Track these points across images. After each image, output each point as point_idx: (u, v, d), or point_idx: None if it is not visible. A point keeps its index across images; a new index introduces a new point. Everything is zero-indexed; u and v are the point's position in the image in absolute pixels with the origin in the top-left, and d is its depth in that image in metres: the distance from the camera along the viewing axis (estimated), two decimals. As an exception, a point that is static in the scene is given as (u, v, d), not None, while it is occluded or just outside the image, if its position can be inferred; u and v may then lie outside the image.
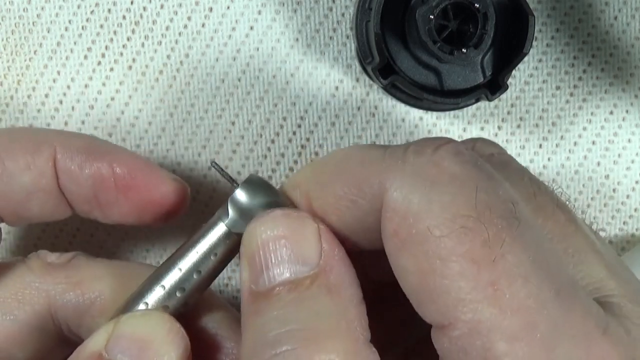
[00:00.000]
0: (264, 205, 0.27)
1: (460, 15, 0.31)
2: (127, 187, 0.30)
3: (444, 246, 0.22)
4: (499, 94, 0.31)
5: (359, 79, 0.37)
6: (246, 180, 0.27)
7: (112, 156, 0.30)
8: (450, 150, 0.24)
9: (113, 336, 0.26)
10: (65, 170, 0.30)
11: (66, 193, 0.30)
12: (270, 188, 0.27)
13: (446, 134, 0.37)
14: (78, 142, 0.30)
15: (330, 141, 0.37)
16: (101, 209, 0.31)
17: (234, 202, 0.27)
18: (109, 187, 0.30)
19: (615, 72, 0.37)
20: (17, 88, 0.37)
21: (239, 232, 0.27)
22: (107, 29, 0.36)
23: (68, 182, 0.30)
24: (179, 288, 0.27)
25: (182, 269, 0.27)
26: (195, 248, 0.27)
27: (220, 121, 0.37)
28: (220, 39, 0.36)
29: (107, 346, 0.26)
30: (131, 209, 0.30)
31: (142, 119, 0.37)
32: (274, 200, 0.27)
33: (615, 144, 0.37)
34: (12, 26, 0.36)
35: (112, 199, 0.30)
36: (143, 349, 0.26)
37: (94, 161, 0.30)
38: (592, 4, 0.36)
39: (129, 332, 0.26)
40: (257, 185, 0.27)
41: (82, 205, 0.31)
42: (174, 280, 0.27)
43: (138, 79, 0.37)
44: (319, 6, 0.36)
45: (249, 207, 0.27)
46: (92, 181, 0.30)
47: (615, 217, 0.37)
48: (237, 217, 0.27)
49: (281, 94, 0.37)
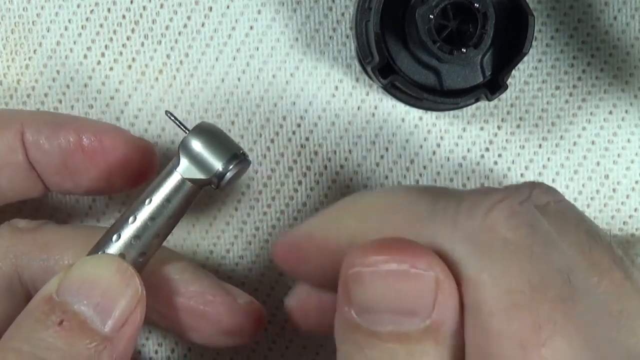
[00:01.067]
0: (213, 150, 0.27)
1: (460, 15, 0.31)
2: (94, 151, 0.31)
3: (493, 324, 0.21)
4: (499, 94, 0.31)
5: (358, 79, 0.37)
6: (196, 126, 0.28)
7: (78, 124, 0.31)
8: (504, 212, 0.23)
9: (63, 280, 0.26)
10: (33, 143, 0.30)
11: (36, 166, 0.31)
12: (221, 133, 0.28)
13: (446, 134, 0.37)
14: (44, 116, 0.32)
15: (330, 141, 0.37)
16: (71, 178, 0.31)
17: (184, 148, 0.27)
18: (77, 153, 0.31)
19: (615, 72, 0.37)
20: (17, 87, 0.37)
21: (190, 178, 0.27)
22: (107, 29, 0.36)
23: (37, 155, 0.31)
24: (135, 237, 0.28)
25: (138, 218, 0.28)
26: (150, 197, 0.28)
27: (220, 120, 0.37)
28: (220, 39, 0.36)
29: (58, 289, 0.26)
30: (100, 174, 0.31)
31: (142, 119, 0.37)
32: (224, 145, 0.27)
33: (614, 143, 0.37)
34: (11, 25, 0.36)
35: (81, 166, 0.31)
36: (91, 289, 0.26)
37: (60, 131, 0.31)
38: (591, 4, 0.36)
39: (77, 274, 0.27)
40: (207, 131, 0.28)
41: (53, 177, 0.31)
42: (129, 230, 0.28)
43: (138, 78, 0.37)
44: (318, 6, 0.36)
45: (198, 152, 0.27)
46: (60, 150, 0.31)
47: (615, 217, 0.37)
48: (188, 163, 0.27)
49: (281, 94, 0.37)
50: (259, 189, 0.37)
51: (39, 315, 0.26)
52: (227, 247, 0.38)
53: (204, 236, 0.37)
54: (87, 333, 0.26)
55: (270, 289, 0.38)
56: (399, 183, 0.37)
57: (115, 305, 0.26)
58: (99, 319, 0.26)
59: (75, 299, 0.26)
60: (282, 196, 0.37)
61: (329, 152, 0.37)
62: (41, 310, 0.26)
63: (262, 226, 0.37)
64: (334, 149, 0.37)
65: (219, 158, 0.28)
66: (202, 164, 0.28)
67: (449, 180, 0.37)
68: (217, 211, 0.37)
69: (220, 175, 0.28)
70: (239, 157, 0.28)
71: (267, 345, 0.38)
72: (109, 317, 0.26)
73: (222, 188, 0.28)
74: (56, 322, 0.26)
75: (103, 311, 0.26)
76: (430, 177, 0.37)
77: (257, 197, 0.37)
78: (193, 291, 0.30)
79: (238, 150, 0.28)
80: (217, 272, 0.38)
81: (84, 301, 0.26)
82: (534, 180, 0.32)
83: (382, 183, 0.37)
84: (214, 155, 0.28)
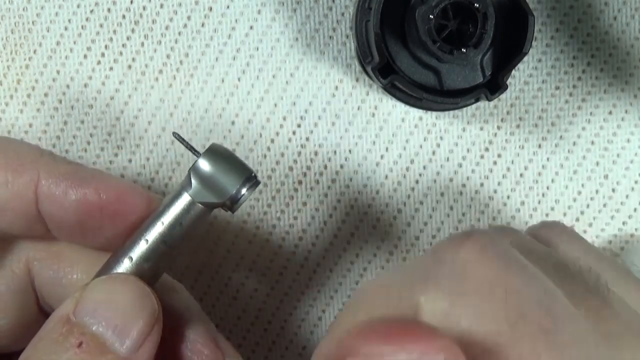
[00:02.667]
0: (226, 174, 0.27)
1: (460, 15, 0.31)
2: (114, 213, 0.29)
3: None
4: (499, 94, 0.31)
5: (358, 79, 0.37)
6: (208, 149, 0.27)
7: (98, 182, 0.29)
8: (472, 249, 0.22)
9: (81, 300, 0.26)
10: (48, 195, 0.29)
11: (47, 218, 0.29)
12: (233, 157, 0.27)
13: (446, 134, 0.37)
14: (63, 167, 0.30)
15: (330, 141, 0.37)
16: (84, 235, 0.30)
17: (196, 172, 0.27)
18: (95, 213, 0.29)
19: (615, 72, 0.37)
20: (17, 87, 0.37)
21: (203, 202, 0.27)
22: (107, 29, 0.36)
23: (51, 207, 0.29)
24: (146, 259, 0.27)
25: (149, 240, 0.27)
26: (161, 219, 0.27)
27: (220, 121, 0.37)
28: (220, 39, 0.36)
29: (75, 310, 0.26)
30: (118, 234, 0.30)
31: (142, 119, 0.37)
32: (237, 169, 0.27)
33: (614, 143, 0.37)
34: (11, 25, 0.36)
35: (98, 225, 0.29)
36: (109, 310, 0.26)
37: (79, 187, 0.29)
38: (591, 4, 0.36)
39: (95, 295, 0.26)
40: (219, 154, 0.27)
41: (63, 231, 0.30)
42: (141, 251, 0.27)
43: (138, 78, 0.37)
44: (318, 6, 0.36)
45: (211, 176, 0.27)
46: (77, 207, 0.29)
47: (614, 217, 0.37)
48: (200, 187, 0.27)
49: (281, 94, 0.37)
50: (259, 189, 0.37)
51: (57, 337, 0.26)
52: (228, 247, 0.37)
53: (204, 237, 0.37)
54: (106, 355, 0.25)
55: (270, 289, 0.38)
56: (399, 183, 0.37)
57: (133, 326, 0.26)
58: (117, 340, 0.26)
59: (94, 320, 0.26)
60: (282, 196, 0.37)
61: (329, 152, 0.37)
62: (59, 332, 0.26)
63: (262, 226, 0.37)
64: (334, 149, 0.37)
65: (232, 182, 0.27)
66: (214, 188, 0.27)
67: (448, 180, 0.37)
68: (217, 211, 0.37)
69: (234, 199, 0.27)
70: (251, 180, 0.27)
71: (267, 346, 0.38)
72: (127, 337, 0.26)
73: (234, 210, 0.28)
74: (75, 344, 0.25)
75: (121, 332, 0.26)
76: (430, 177, 0.37)
77: (257, 197, 0.37)
78: (188, 336, 0.29)
79: (250, 174, 0.27)
80: (217, 274, 0.38)
81: (102, 322, 0.26)
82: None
83: (382, 183, 0.37)
84: (227, 179, 0.27)
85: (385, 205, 0.37)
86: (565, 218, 0.37)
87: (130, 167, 0.37)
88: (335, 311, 0.38)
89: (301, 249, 0.38)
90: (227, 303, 0.38)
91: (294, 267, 0.38)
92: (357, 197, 0.37)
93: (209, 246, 0.37)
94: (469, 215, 0.37)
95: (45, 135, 0.37)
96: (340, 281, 0.38)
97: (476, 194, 0.37)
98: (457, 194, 0.37)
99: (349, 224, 0.37)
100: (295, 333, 0.38)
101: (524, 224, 0.38)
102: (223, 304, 0.38)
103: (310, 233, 0.37)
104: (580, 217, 0.37)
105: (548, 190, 0.37)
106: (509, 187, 0.37)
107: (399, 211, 0.37)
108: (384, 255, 0.38)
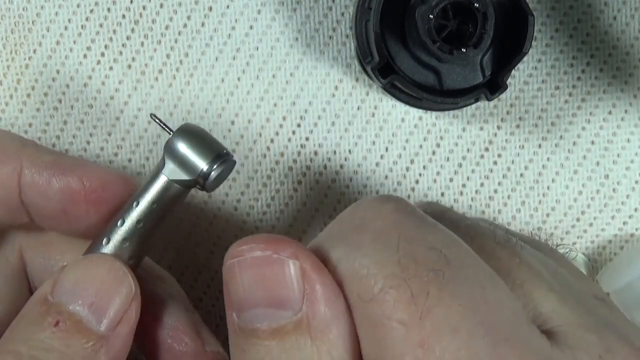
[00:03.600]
0: (197, 151, 0.27)
1: (460, 15, 0.31)
2: (98, 199, 0.29)
3: (374, 311, 0.22)
4: (499, 94, 0.31)
5: (358, 79, 0.37)
6: (180, 128, 0.28)
7: (82, 170, 0.29)
8: (372, 205, 0.24)
9: (58, 280, 0.26)
10: (32, 185, 0.29)
11: (30, 207, 0.29)
12: (204, 133, 0.28)
13: (445, 134, 0.37)
14: (46, 157, 0.30)
15: (330, 141, 0.37)
16: (68, 222, 0.30)
17: (168, 150, 0.27)
18: (79, 201, 0.29)
19: (614, 72, 0.37)
20: (17, 87, 0.37)
21: (175, 179, 0.27)
22: (107, 28, 0.36)
23: (34, 197, 0.29)
24: (124, 239, 0.28)
25: (125, 221, 0.28)
26: (137, 199, 0.28)
27: (220, 120, 0.37)
28: (220, 39, 0.36)
29: (53, 290, 0.26)
30: (100, 220, 0.30)
31: (142, 119, 0.37)
32: (208, 146, 0.27)
33: (614, 143, 0.37)
34: (11, 25, 0.36)
35: (82, 212, 0.29)
36: (85, 289, 0.26)
37: (62, 176, 0.29)
38: (591, 4, 0.36)
39: (71, 275, 0.27)
40: (191, 132, 0.28)
41: (47, 219, 0.30)
42: (118, 232, 0.28)
43: (137, 78, 0.37)
44: (318, 5, 0.36)
45: (182, 153, 0.27)
46: (61, 195, 0.29)
47: (615, 217, 0.37)
48: (173, 165, 0.27)
49: (281, 94, 0.37)
50: (259, 189, 0.37)
51: (35, 317, 0.26)
52: (227, 246, 0.37)
53: (204, 236, 0.37)
54: (83, 333, 0.26)
55: (270, 289, 0.38)
56: (399, 183, 0.37)
57: (109, 304, 0.26)
58: (94, 318, 0.26)
59: (70, 299, 0.26)
60: (282, 196, 0.37)
61: (329, 152, 0.37)
62: (37, 312, 0.26)
63: (262, 225, 0.37)
64: (334, 149, 0.37)
65: (202, 158, 0.28)
66: (186, 165, 0.27)
67: (448, 180, 0.37)
68: (217, 210, 0.37)
69: (205, 175, 0.28)
70: (222, 157, 0.28)
71: (267, 345, 0.38)
72: (104, 316, 0.26)
73: (208, 188, 0.28)
74: (52, 323, 0.26)
75: (98, 310, 0.26)
76: (430, 177, 0.37)
77: (257, 196, 0.37)
78: (169, 323, 0.30)
79: (222, 150, 0.28)
80: (217, 273, 0.38)
81: (78, 301, 0.26)
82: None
83: (382, 183, 0.37)
84: (198, 156, 0.28)
85: (385, 205, 0.37)
86: (565, 218, 0.37)
87: (130, 166, 0.37)
88: (335, 311, 0.38)
89: (301, 249, 0.38)
90: (226, 303, 0.38)
91: (293, 267, 0.38)
92: (357, 197, 0.37)
93: (208, 246, 0.37)
94: (469, 215, 0.37)
95: (45, 135, 0.37)
96: (340, 281, 0.38)
97: (476, 194, 0.37)
98: (457, 194, 0.37)
99: (348, 223, 0.37)
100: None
101: (524, 224, 0.38)
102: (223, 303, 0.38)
103: (310, 233, 0.37)
104: (580, 217, 0.37)
105: (548, 191, 0.37)
106: (509, 187, 0.37)
107: (399, 211, 0.37)
108: (384, 255, 0.38)
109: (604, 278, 0.37)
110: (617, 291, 0.36)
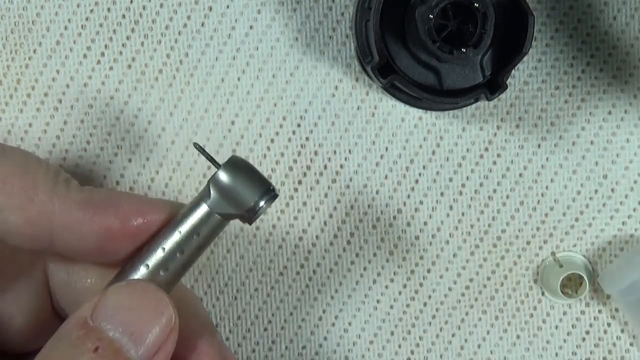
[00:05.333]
0: (245, 186, 0.27)
1: (460, 15, 0.31)
2: (137, 232, 0.28)
3: None
4: (499, 94, 0.31)
5: (358, 79, 0.37)
6: (228, 161, 0.27)
7: (118, 205, 0.28)
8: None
9: (98, 305, 0.26)
10: (66, 227, 0.28)
11: (63, 245, 0.29)
12: (252, 169, 0.27)
13: (445, 134, 0.37)
14: (78, 195, 0.28)
15: (330, 141, 0.37)
16: (104, 257, 0.29)
17: (215, 183, 0.27)
18: (117, 237, 0.28)
19: (614, 72, 0.37)
20: (17, 87, 0.37)
21: (221, 213, 0.27)
22: (107, 28, 0.36)
23: (68, 237, 0.28)
24: (163, 267, 0.27)
25: (166, 249, 0.27)
26: (179, 228, 0.27)
27: (220, 121, 0.37)
28: (220, 39, 0.36)
29: (93, 314, 0.26)
30: (138, 249, 0.29)
31: (142, 118, 0.37)
32: (256, 181, 0.27)
33: (613, 143, 0.37)
34: (11, 25, 0.36)
35: (120, 247, 0.29)
36: (126, 316, 0.26)
37: (98, 215, 0.28)
38: (591, 4, 0.36)
39: (113, 300, 0.26)
40: (239, 166, 0.27)
41: (80, 255, 0.29)
42: (157, 259, 0.27)
43: (137, 78, 0.37)
44: (318, 5, 0.36)
45: (230, 188, 0.27)
46: (98, 235, 0.28)
47: (614, 217, 0.38)
48: (219, 198, 0.27)
49: (281, 94, 0.37)
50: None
51: (74, 340, 0.26)
52: (228, 247, 0.38)
53: (204, 236, 0.37)
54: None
55: (270, 289, 0.38)
56: (399, 183, 0.37)
57: (149, 334, 0.26)
58: (133, 347, 0.26)
59: (110, 326, 0.26)
60: (282, 196, 0.37)
61: (329, 152, 0.37)
62: (76, 335, 0.26)
63: (262, 226, 0.37)
64: (334, 149, 0.37)
65: (251, 194, 0.27)
66: (233, 200, 0.27)
67: (448, 180, 0.37)
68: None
69: (252, 211, 0.27)
70: (269, 193, 0.28)
71: (267, 346, 0.38)
72: (142, 345, 0.26)
73: (251, 222, 0.28)
74: (91, 348, 0.25)
75: (137, 339, 0.26)
76: (430, 177, 0.37)
77: (257, 197, 0.37)
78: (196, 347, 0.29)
79: (269, 186, 0.27)
80: (218, 274, 0.38)
81: (119, 328, 0.26)
82: None
83: (382, 183, 0.37)
84: (246, 191, 0.27)
85: (385, 205, 0.37)
86: (564, 218, 0.37)
87: (130, 167, 0.37)
88: (335, 311, 0.38)
89: (301, 249, 0.38)
90: (227, 303, 0.38)
91: (294, 267, 0.38)
92: (357, 197, 0.37)
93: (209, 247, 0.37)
94: (469, 215, 0.37)
95: (45, 135, 0.37)
96: (340, 281, 0.38)
97: (475, 194, 0.37)
98: (456, 194, 0.37)
99: (349, 224, 0.37)
100: (295, 333, 0.38)
101: (522, 224, 0.38)
102: (223, 304, 0.38)
103: (310, 233, 0.37)
104: (579, 217, 0.38)
105: (547, 190, 0.37)
106: (508, 187, 0.37)
107: (399, 211, 0.37)
108: (384, 255, 0.38)
109: (606, 280, 0.37)
110: (619, 293, 0.36)
